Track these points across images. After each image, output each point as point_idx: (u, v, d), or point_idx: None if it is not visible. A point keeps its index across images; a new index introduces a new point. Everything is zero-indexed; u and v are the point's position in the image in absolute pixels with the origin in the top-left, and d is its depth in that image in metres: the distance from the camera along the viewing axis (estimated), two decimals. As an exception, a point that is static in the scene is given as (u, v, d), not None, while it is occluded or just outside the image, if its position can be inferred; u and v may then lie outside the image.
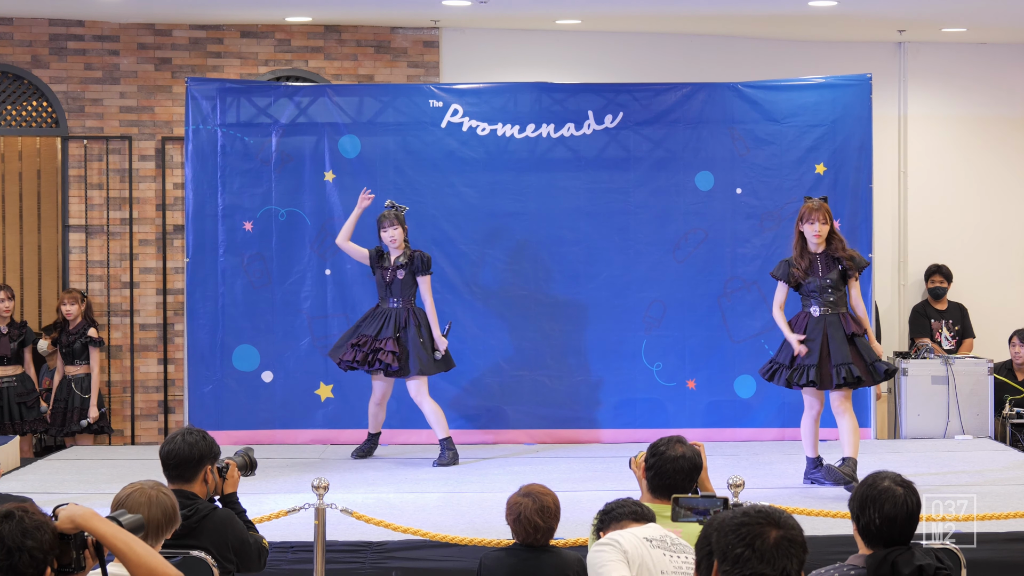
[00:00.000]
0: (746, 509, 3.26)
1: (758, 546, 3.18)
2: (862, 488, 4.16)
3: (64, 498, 8.23)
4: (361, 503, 7.51)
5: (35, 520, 3.54)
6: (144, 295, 11.50)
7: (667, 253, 10.66)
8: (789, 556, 3.19)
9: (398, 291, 9.37)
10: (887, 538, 4.08)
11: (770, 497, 7.30)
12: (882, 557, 4.03)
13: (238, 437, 10.42)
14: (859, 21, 11.51)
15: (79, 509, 3.65)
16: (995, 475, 8.99)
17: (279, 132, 10.59)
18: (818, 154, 10.64)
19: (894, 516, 4.08)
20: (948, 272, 11.73)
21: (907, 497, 4.11)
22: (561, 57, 11.85)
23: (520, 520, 5.15)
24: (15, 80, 11.46)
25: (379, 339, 9.27)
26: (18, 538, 3.50)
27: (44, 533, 3.54)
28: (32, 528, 3.52)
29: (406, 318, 9.35)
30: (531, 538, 5.17)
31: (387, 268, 9.38)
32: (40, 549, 3.52)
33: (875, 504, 4.09)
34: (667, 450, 5.03)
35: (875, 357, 8.41)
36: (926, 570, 3.99)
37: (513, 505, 5.20)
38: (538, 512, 5.14)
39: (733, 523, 3.24)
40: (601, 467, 9.34)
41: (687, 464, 5.00)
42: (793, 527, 3.25)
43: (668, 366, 10.67)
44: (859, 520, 4.13)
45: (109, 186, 11.43)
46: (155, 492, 4.40)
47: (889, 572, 4.00)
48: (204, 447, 5.23)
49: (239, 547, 5.20)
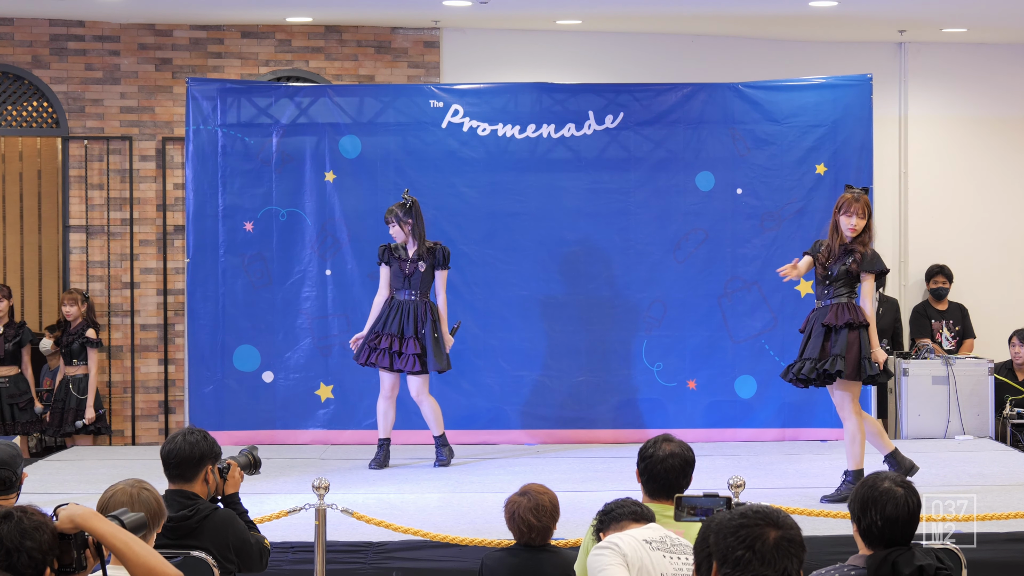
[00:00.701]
0: (743, 510, 3.26)
1: (758, 548, 3.18)
2: (862, 490, 4.14)
3: (64, 498, 8.23)
4: (362, 503, 7.51)
5: (34, 520, 3.54)
6: (144, 295, 11.50)
7: (668, 253, 10.66)
8: (789, 556, 3.19)
9: (416, 283, 9.34)
10: (888, 539, 4.07)
11: (770, 497, 7.30)
12: (882, 557, 4.03)
13: (239, 437, 10.42)
14: (859, 21, 11.51)
15: (79, 509, 3.65)
16: (995, 475, 8.98)
17: (280, 132, 10.60)
18: (819, 154, 10.64)
19: (896, 517, 4.07)
20: (950, 272, 11.73)
21: (908, 498, 4.11)
22: (561, 57, 11.85)
23: (515, 519, 5.14)
24: (15, 80, 11.46)
25: (404, 339, 9.24)
26: (17, 539, 3.50)
27: (43, 533, 3.54)
28: (31, 529, 3.52)
29: (424, 312, 9.32)
30: (526, 537, 5.16)
31: (405, 260, 9.36)
32: (39, 550, 3.52)
33: (876, 506, 4.08)
34: (655, 451, 5.00)
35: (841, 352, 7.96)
36: (926, 570, 3.99)
37: (509, 504, 5.20)
38: (532, 511, 5.13)
39: (732, 525, 3.23)
40: (601, 467, 9.34)
41: (678, 461, 4.96)
42: (792, 526, 3.25)
43: (668, 366, 10.67)
44: (860, 522, 4.12)
45: (110, 186, 11.43)
46: (136, 490, 4.39)
47: (890, 572, 4.00)
48: (205, 447, 5.24)
49: (240, 547, 5.20)
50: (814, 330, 8.14)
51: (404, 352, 9.22)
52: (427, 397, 9.40)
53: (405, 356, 9.22)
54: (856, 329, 8.02)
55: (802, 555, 3.21)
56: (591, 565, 4.29)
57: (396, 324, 9.28)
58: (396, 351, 9.23)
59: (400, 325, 9.27)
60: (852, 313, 8.03)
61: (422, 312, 9.31)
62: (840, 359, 7.97)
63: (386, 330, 9.31)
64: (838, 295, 8.10)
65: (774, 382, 10.48)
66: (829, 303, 8.12)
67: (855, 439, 8.09)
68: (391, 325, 9.29)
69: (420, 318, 9.29)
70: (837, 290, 8.10)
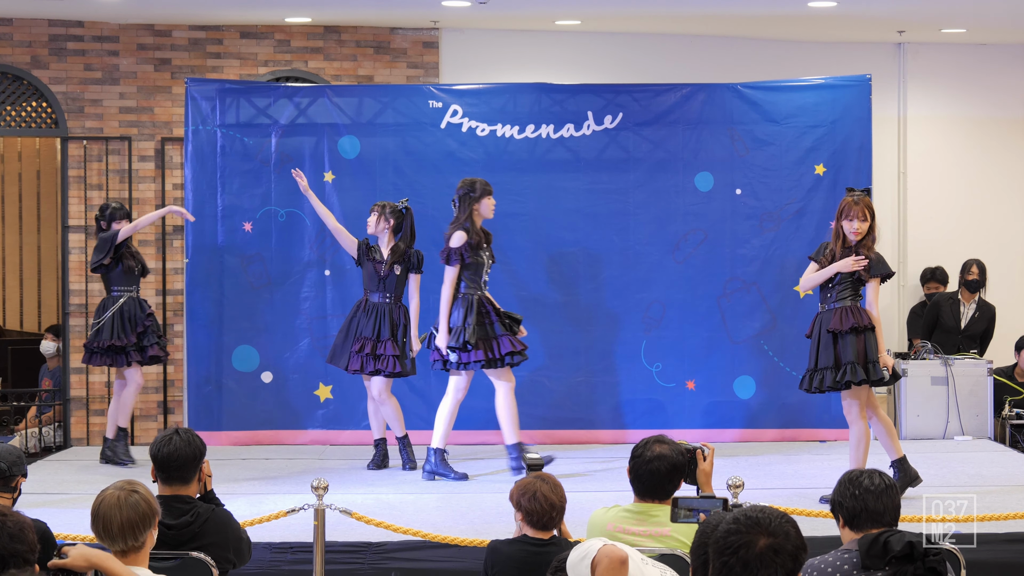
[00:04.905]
0: (737, 515, 3.28)
1: (743, 555, 3.22)
2: (839, 482, 4.33)
3: (64, 498, 8.25)
4: (360, 504, 7.51)
5: (17, 522, 3.56)
6: (144, 296, 11.47)
7: (667, 254, 10.66)
8: (773, 566, 3.22)
9: (391, 286, 9.36)
10: (873, 513, 4.22)
11: (769, 498, 7.30)
12: (873, 538, 4.12)
13: (237, 437, 10.43)
14: (859, 22, 11.51)
15: (98, 553, 3.64)
16: (995, 476, 8.98)
17: (279, 133, 10.60)
18: (818, 155, 10.64)
19: (872, 488, 4.24)
20: (944, 276, 11.73)
21: (882, 477, 4.30)
22: (561, 58, 11.86)
23: (536, 498, 5.02)
24: (15, 81, 11.46)
25: (380, 341, 9.25)
26: (7, 543, 3.51)
27: (28, 533, 3.56)
28: (17, 532, 3.54)
29: (398, 316, 9.34)
30: (546, 516, 5.04)
31: (379, 262, 9.37)
32: (30, 551, 3.53)
33: (852, 484, 4.27)
34: (644, 452, 4.97)
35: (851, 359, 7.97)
36: (916, 547, 4.03)
37: (527, 486, 5.05)
38: (553, 491, 5.07)
39: (723, 530, 3.28)
40: (601, 468, 9.34)
41: (664, 464, 4.93)
42: (785, 534, 3.26)
43: (668, 367, 10.67)
44: (842, 507, 4.27)
45: (109, 187, 11.42)
46: (124, 494, 4.37)
47: (881, 551, 4.07)
48: (199, 443, 5.23)
49: (237, 545, 5.22)
50: (822, 337, 8.11)
51: (383, 354, 9.21)
52: (390, 397, 9.38)
53: (384, 358, 9.22)
54: (862, 333, 8.00)
55: (791, 564, 3.24)
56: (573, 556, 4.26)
57: (371, 327, 9.28)
58: (368, 353, 9.23)
59: (376, 328, 9.27)
60: (857, 316, 8.01)
61: (396, 316, 9.32)
62: (856, 367, 7.95)
63: (361, 334, 9.29)
64: (842, 298, 8.07)
65: (773, 383, 10.51)
66: (833, 307, 8.10)
67: (860, 443, 8.06)
68: (365, 328, 9.29)
69: (395, 322, 9.30)
70: (841, 293, 8.08)
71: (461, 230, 8.93)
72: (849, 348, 7.98)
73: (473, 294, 8.94)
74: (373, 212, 9.40)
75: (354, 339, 9.31)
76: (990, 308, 11.49)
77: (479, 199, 9.02)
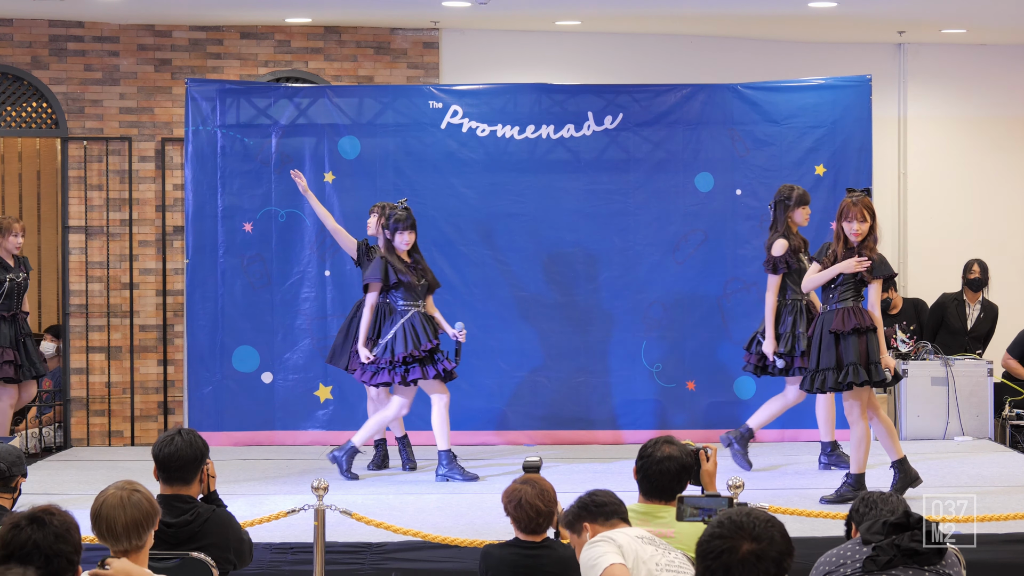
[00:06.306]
0: (722, 519, 3.30)
1: (725, 560, 3.24)
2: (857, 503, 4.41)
3: (64, 498, 8.23)
4: (361, 504, 7.51)
5: (64, 522, 3.56)
6: (144, 296, 11.50)
7: (667, 254, 10.66)
8: (756, 571, 3.23)
9: None
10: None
11: (769, 498, 7.29)
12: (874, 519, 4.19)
13: (238, 438, 10.43)
14: (859, 22, 11.52)
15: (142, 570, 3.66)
16: (995, 476, 8.98)
17: (279, 133, 10.60)
18: (818, 155, 10.65)
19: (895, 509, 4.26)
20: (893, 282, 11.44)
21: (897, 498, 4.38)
22: (561, 58, 11.86)
23: (521, 505, 5.08)
24: (15, 81, 11.45)
25: None
26: (52, 543, 3.51)
27: (74, 534, 3.57)
28: (63, 531, 3.54)
29: None
30: (533, 523, 5.10)
31: None
32: (75, 551, 3.54)
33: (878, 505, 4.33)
34: (653, 452, 4.98)
35: (853, 360, 7.96)
36: (912, 515, 4.09)
37: (513, 492, 5.14)
38: (539, 496, 5.11)
39: (707, 534, 3.31)
40: (600, 468, 9.34)
41: (674, 465, 4.94)
42: (770, 539, 3.27)
43: (668, 367, 10.67)
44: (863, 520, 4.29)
45: (109, 187, 11.42)
46: (125, 494, 4.37)
47: (880, 528, 4.11)
48: (202, 445, 5.23)
49: (238, 546, 5.22)
50: (824, 338, 8.09)
51: None
52: (389, 398, 9.34)
53: None
54: (864, 334, 7.99)
55: (773, 570, 3.26)
56: (586, 555, 4.33)
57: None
58: None
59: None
60: (859, 317, 7.99)
61: None
62: (858, 368, 7.94)
63: None
64: (843, 299, 8.05)
65: (773, 383, 10.49)
66: (835, 307, 8.09)
67: (861, 444, 8.07)
68: None
69: None
70: (842, 294, 8.06)
71: (782, 238, 8.94)
72: (851, 349, 7.97)
73: (799, 300, 8.99)
74: (373, 213, 9.39)
75: (354, 339, 9.29)
76: (994, 308, 11.48)
77: (795, 207, 9.03)
